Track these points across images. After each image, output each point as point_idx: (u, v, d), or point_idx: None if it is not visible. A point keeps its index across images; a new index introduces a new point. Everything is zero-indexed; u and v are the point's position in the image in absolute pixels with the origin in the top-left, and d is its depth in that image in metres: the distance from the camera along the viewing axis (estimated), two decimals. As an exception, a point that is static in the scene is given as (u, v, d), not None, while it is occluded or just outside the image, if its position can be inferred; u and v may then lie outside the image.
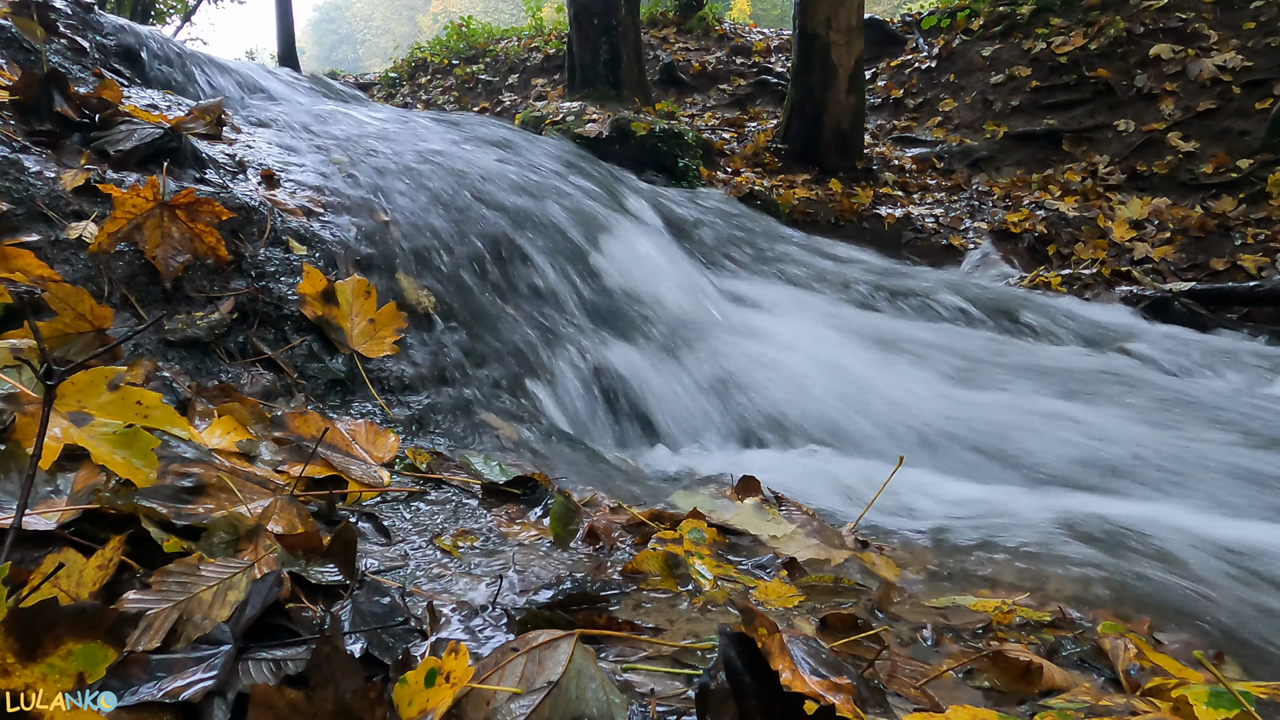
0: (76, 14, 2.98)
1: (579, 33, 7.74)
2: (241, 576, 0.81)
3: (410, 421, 1.72)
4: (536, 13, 13.35)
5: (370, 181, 2.57)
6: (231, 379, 1.57)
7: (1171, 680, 0.83)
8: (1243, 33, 6.60)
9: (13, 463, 0.91)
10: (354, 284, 1.88)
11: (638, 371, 2.33)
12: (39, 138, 1.91)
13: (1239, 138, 6.04)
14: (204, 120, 2.46)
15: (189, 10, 14.74)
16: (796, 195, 6.01)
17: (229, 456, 1.16)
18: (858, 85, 6.71)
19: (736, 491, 1.47)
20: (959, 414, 2.42)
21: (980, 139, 7.25)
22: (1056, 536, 1.46)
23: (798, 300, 3.66)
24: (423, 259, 2.30)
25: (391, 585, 0.95)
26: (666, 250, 3.53)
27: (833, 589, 1.13)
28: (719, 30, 10.67)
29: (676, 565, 1.11)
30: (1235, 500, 1.91)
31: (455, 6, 47.78)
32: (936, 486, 1.91)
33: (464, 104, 10.24)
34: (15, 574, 0.72)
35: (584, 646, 0.71)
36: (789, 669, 0.68)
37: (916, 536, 1.48)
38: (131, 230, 1.64)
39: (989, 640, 1.01)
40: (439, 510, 1.29)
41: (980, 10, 8.34)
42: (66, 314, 1.33)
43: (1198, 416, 2.56)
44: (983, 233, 5.73)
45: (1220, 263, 5.05)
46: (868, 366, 2.81)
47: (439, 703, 0.63)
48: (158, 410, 0.85)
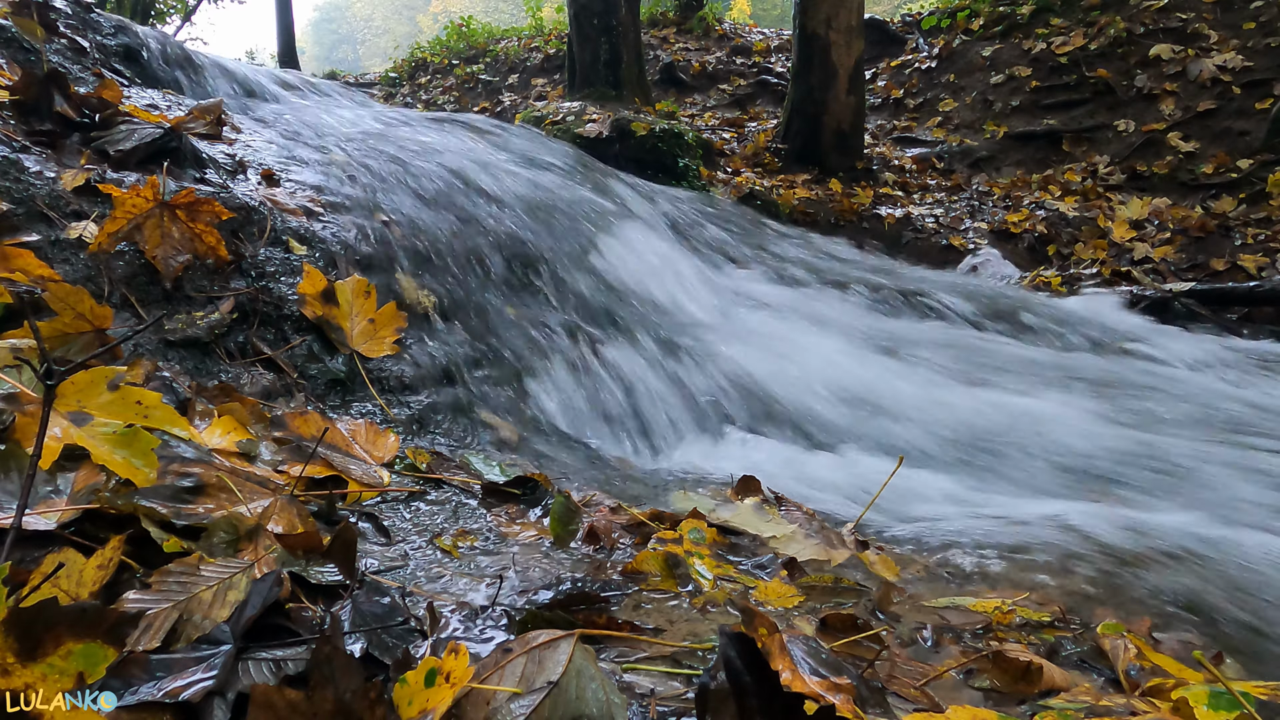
0: (76, 14, 2.98)
1: (579, 33, 7.74)
2: (241, 576, 0.81)
3: (410, 421, 1.72)
4: (536, 13, 13.34)
5: (370, 181, 2.57)
6: (231, 379, 1.57)
7: (1171, 680, 0.83)
8: (1243, 33, 6.60)
9: (13, 463, 0.91)
10: (354, 284, 1.88)
11: (638, 371, 2.33)
12: (39, 138, 1.91)
13: (1239, 138, 6.04)
14: (204, 120, 2.46)
15: (189, 10, 14.74)
16: (796, 195, 6.01)
17: (229, 456, 1.16)
18: (858, 85, 6.71)
19: (736, 491, 1.47)
20: (959, 414, 2.42)
21: (980, 139, 7.25)
22: (1056, 536, 1.46)
23: (798, 300, 3.66)
24: (423, 259, 2.30)
25: (391, 585, 0.95)
26: (667, 250, 3.53)
27: (833, 589, 1.13)
28: (719, 30, 10.67)
29: (676, 565, 1.11)
30: (1236, 501, 1.91)
31: (455, 6, 47.76)
32: (936, 486, 1.92)
33: (464, 104, 10.24)
34: (15, 574, 0.72)
35: (584, 646, 0.71)
36: (789, 669, 0.68)
37: (916, 536, 1.48)
38: (131, 230, 1.64)
39: (989, 640, 1.01)
40: (439, 510, 1.29)
41: (980, 10, 8.34)
42: (66, 314, 1.33)
43: (1198, 417, 2.56)
44: (983, 233, 5.73)
45: (1220, 263, 5.05)
46: (867, 367, 2.82)
47: (439, 703, 0.63)
48: (158, 410, 0.85)
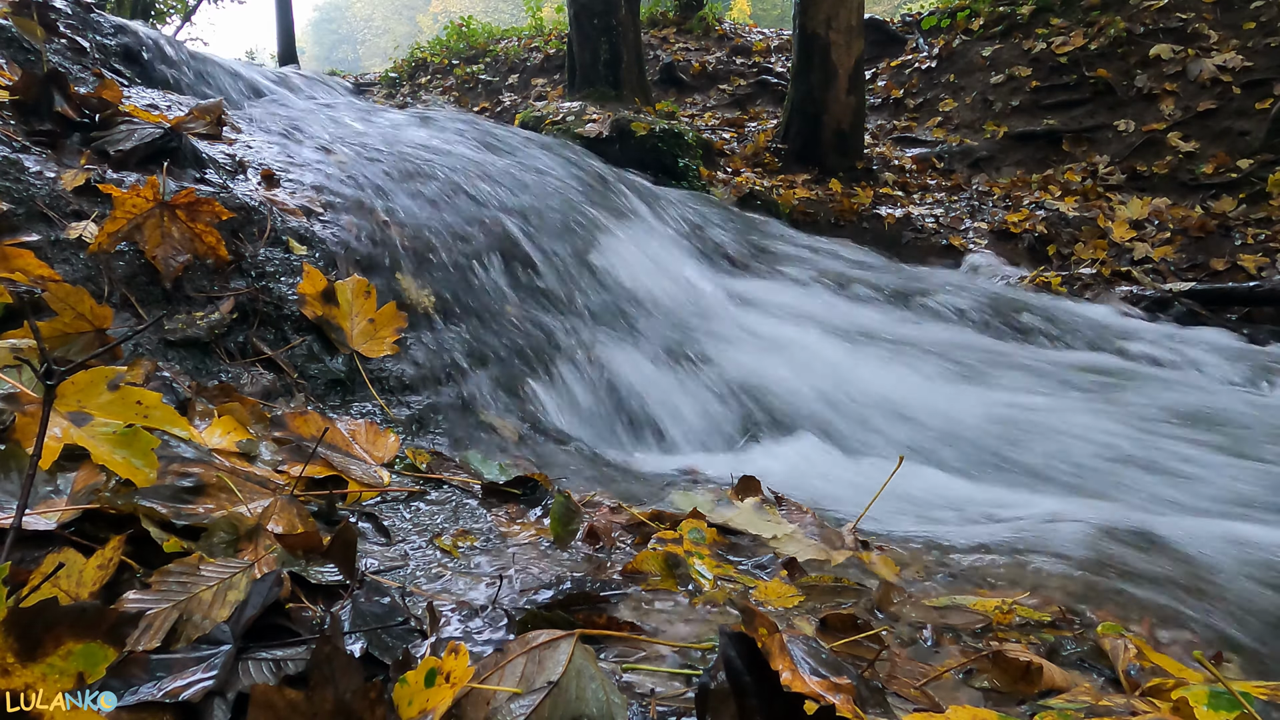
0: (76, 14, 2.98)
1: (579, 33, 7.74)
2: (241, 576, 0.81)
3: (410, 421, 1.72)
4: (536, 13, 13.34)
5: (370, 181, 2.57)
6: (231, 379, 1.57)
7: (1171, 680, 0.83)
8: (1243, 33, 6.59)
9: (13, 463, 0.91)
10: (354, 284, 1.88)
11: (638, 371, 2.33)
12: (39, 138, 1.91)
13: (1239, 138, 6.04)
14: (204, 120, 2.46)
15: (189, 10, 14.74)
16: (796, 195, 6.01)
17: (229, 456, 1.16)
18: (858, 85, 6.71)
19: (736, 491, 1.47)
20: (959, 414, 2.42)
21: (980, 139, 7.25)
22: (1057, 536, 1.45)
23: (798, 300, 3.66)
24: (423, 259, 2.30)
25: (391, 585, 0.95)
26: (666, 250, 3.53)
27: (833, 589, 1.13)
28: (719, 30, 10.66)
29: (676, 565, 1.11)
30: (1236, 502, 1.91)
31: (455, 6, 47.76)
32: (937, 486, 1.91)
33: (464, 104, 10.23)
34: (15, 574, 0.72)
35: (584, 646, 0.71)
36: (789, 669, 0.68)
37: (916, 536, 1.48)
38: (131, 230, 1.64)
39: (989, 640, 1.01)
40: (439, 510, 1.29)
41: (980, 10, 8.34)
42: (66, 314, 1.33)
43: (1198, 417, 2.56)
44: (983, 233, 5.73)
45: (1220, 263, 5.05)
46: (868, 366, 2.82)
47: (439, 703, 0.63)
48: (158, 410, 0.85)
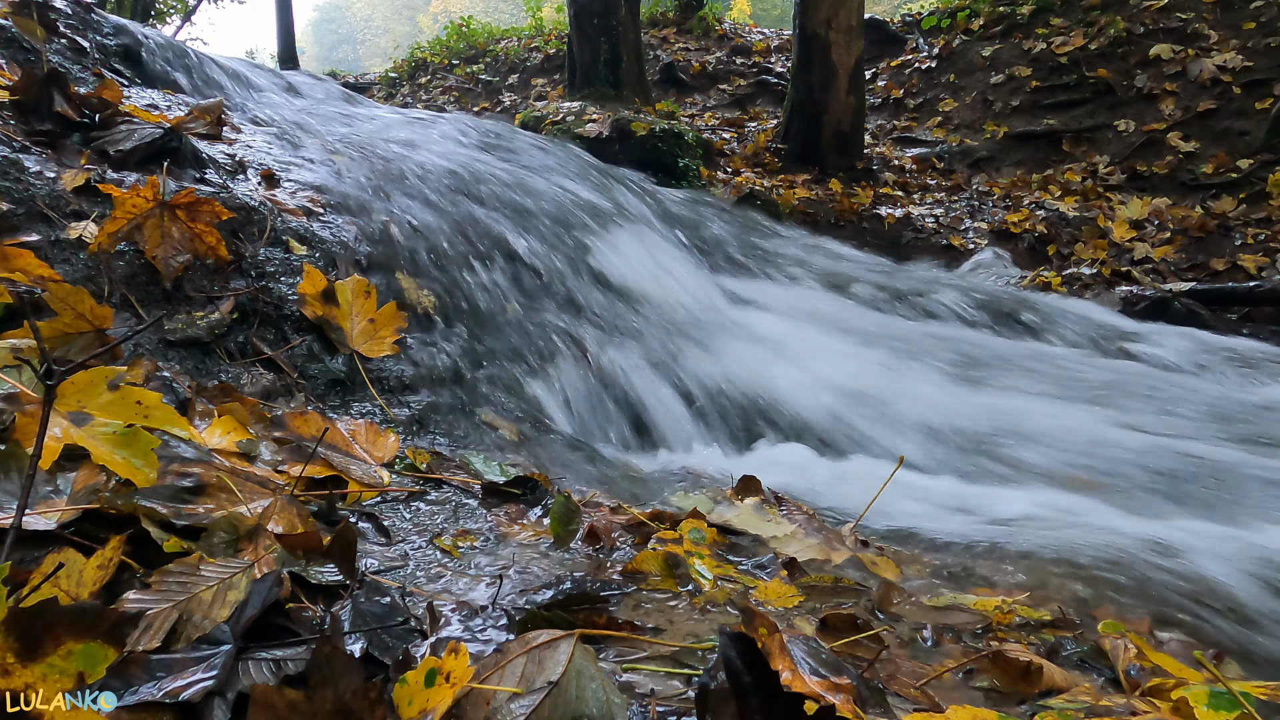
0: (76, 14, 2.98)
1: (579, 33, 7.74)
2: (241, 576, 0.81)
3: (410, 421, 1.72)
4: (536, 13, 13.34)
5: (370, 181, 2.57)
6: (231, 379, 1.57)
7: (1171, 680, 0.83)
8: (1243, 33, 6.59)
9: (13, 463, 0.91)
10: (354, 284, 1.88)
11: (638, 371, 2.33)
12: (39, 138, 1.91)
13: (1239, 138, 6.04)
14: (204, 120, 2.46)
15: (189, 10, 14.74)
16: (796, 195, 6.01)
17: (229, 456, 1.16)
18: (858, 85, 6.71)
19: (736, 491, 1.47)
20: (959, 415, 2.42)
21: (980, 139, 7.25)
22: (1056, 536, 1.46)
23: (798, 300, 3.66)
24: (423, 259, 2.30)
25: (391, 585, 0.95)
26: (666, 250, 3.53)
27: (833, 589, 1.13)
28: (719, 30, 10.67)
29: (676, 565, 1.11)
30: (1236, 502, 1.91)
31: (455, 6, 47.74)
32: (936, 487, 1.92)
33: (464, 104, 10.23)
34: (15, 574, 0.72)
35: (584, 646, 0.71)
36: (789, 669, 0.68)
37: (916, 536, 1.48)
38: (131, 230, 1.64)
39: (989, 640, 1.01)
40: (439, 510, 1.29)
41: (980, 10, 8.34)
42: (66, 314, 1.33)
43: (1198, 417, 2.56)
44: (983, 233, 5.73)
45: (1220, 263, 5.05)
46: (867, 367, 2.82)
47: (439, 703, 0.63)
48: (158, 410, 0.85)
